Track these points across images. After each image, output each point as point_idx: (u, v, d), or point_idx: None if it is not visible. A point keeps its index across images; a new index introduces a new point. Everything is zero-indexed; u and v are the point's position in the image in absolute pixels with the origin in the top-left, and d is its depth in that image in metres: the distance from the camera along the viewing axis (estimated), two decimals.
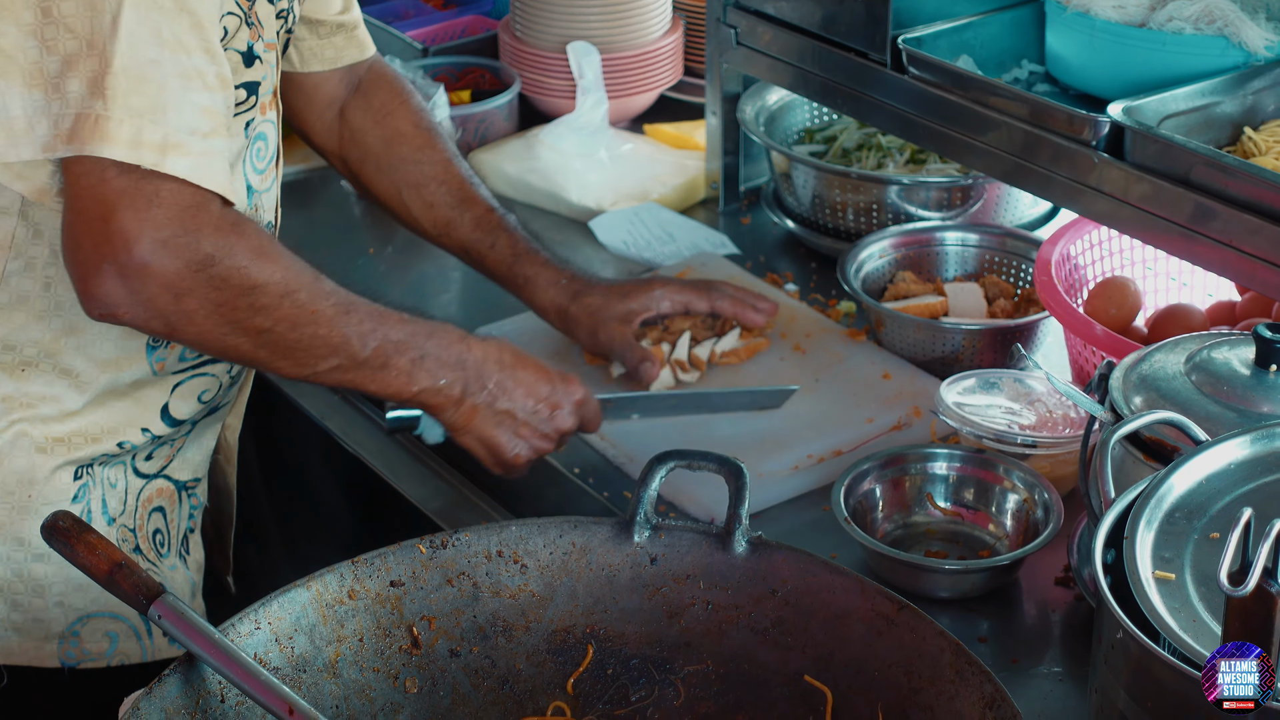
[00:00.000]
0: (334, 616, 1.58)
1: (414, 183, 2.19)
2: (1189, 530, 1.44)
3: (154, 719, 1.45)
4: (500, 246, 2.20)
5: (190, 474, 2.00)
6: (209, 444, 2.03)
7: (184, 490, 1.99)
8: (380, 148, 2.19)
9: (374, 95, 2.20)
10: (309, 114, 2.20)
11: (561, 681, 1.63)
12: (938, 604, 1.83)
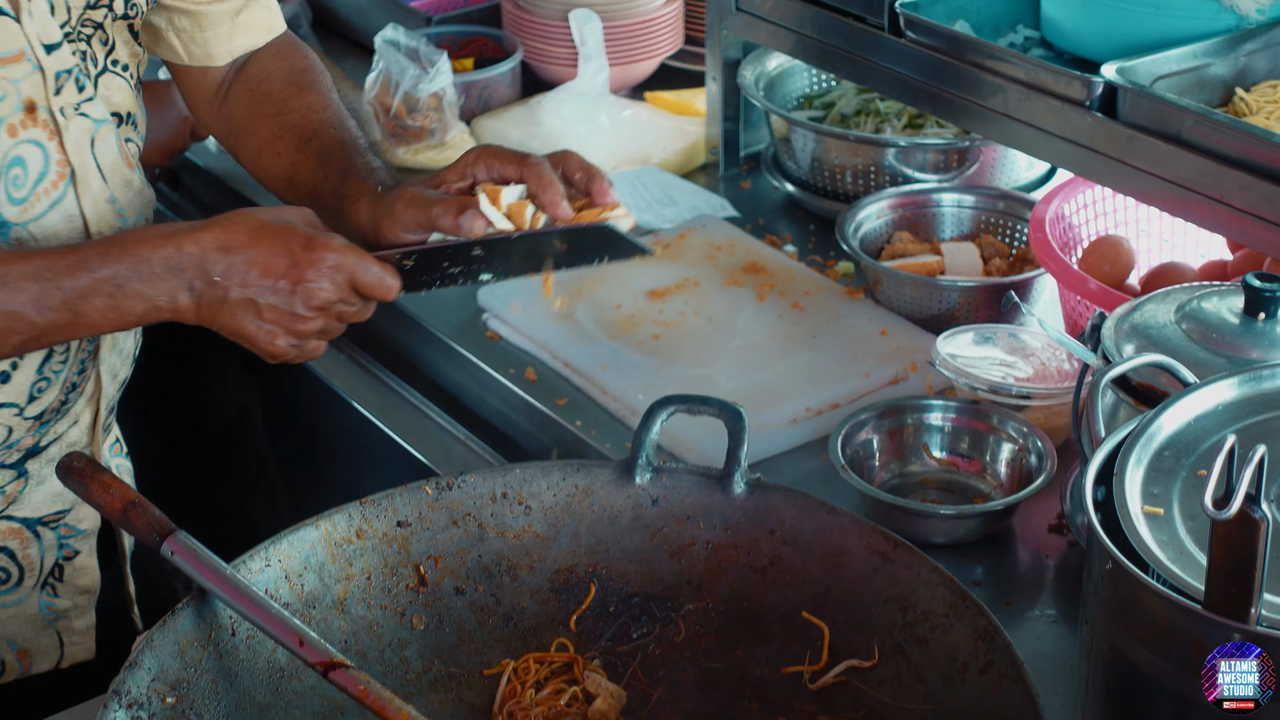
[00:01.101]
0: (342, 555, 1.62)
1: (270, 136, 1.88)
2: (1177, 468, 1.48)
3: (168, 650, 1.49)
4: (333, 173, 1.81)
5: (46, 510, 1.88)
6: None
7: (40, 526, 1.88)
8: (246, 114, 1.92)
9: (253, 65, 1.96)
10: (200, 105, 2.00)
11: (565, 619, 1.66)
12: (933, 549, 1.85)
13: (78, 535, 1.91)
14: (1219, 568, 1.29)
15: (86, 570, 1.93)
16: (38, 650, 1.90)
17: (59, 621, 1.92)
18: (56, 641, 1.93)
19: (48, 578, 1.88)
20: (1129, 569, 1.37)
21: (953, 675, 1.49)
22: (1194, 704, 1.35)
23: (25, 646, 1.88)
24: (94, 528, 1.92)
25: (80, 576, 1.92)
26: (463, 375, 2.35)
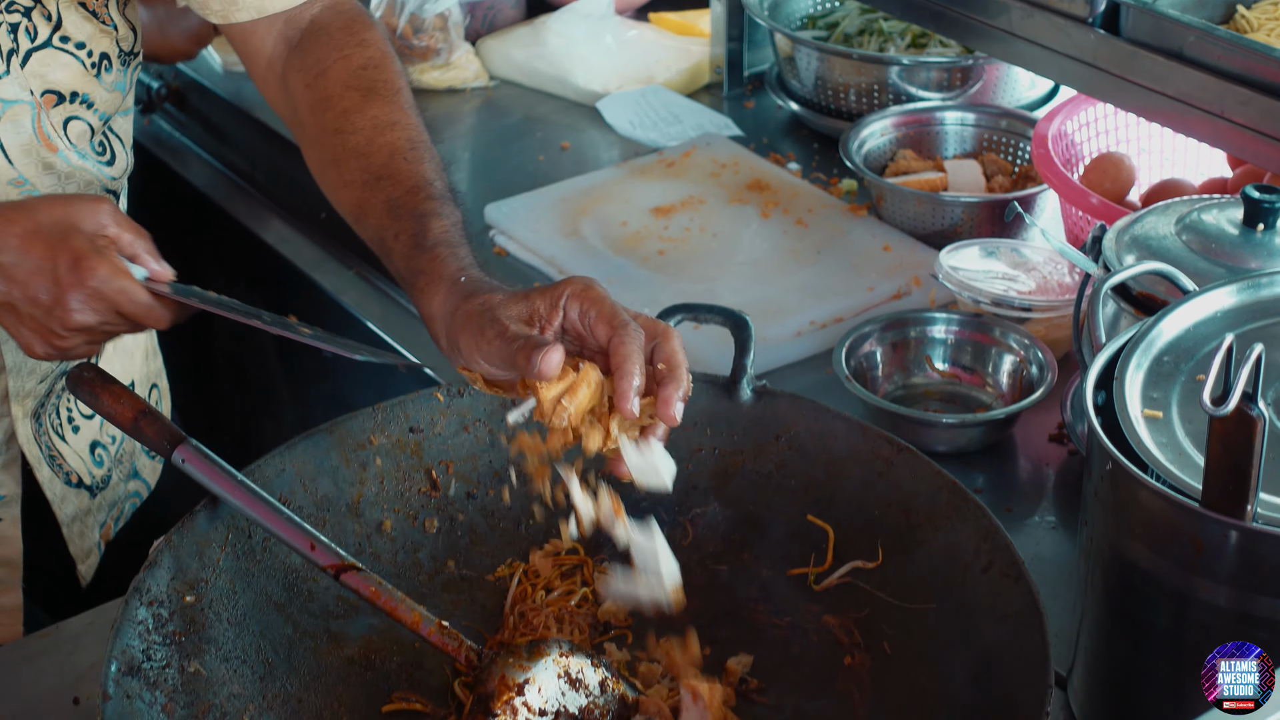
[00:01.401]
0: (356, 460, 1.65)
1: (335, 157, 1.66)
2: (1176, 373, 1.51)
3: (187, 551, 1.52)
4: (405, 234, 1.56)
5: None
6: None
7: None
8: (308, 117, 1.72)
9: (309, 50, 1.74)
10: (255, 78, 1.82)
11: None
12: (936, 458, 1.88)
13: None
14: (1216, 465, 1.32)
15: (8, 540, 1.87)
16: None
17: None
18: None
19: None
20: (1129, 469, 1.40)
21: (954, 575, 1.51)
22: (1192, 600, 1.39)
23: None
24: (14, 495, 1.85)
25: (1, 546, 1.87)
26: None
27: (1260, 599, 1.36)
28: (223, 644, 1.49)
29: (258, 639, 1.52)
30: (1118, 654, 1.50)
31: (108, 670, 1.39)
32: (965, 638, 1.48)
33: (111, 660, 1.40)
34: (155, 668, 1.43)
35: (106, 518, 1.98)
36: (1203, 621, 1.40)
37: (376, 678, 1.58)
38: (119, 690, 1.38)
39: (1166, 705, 1.47)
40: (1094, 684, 1.55)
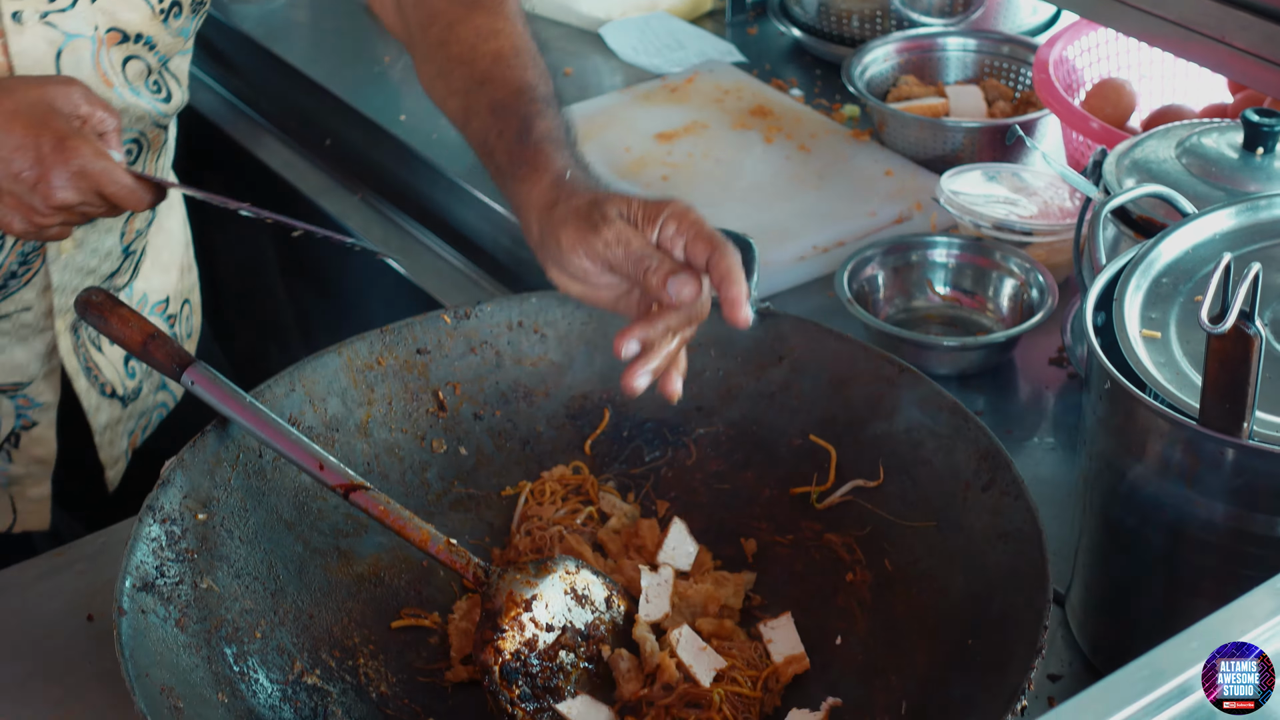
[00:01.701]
0: (364, 381, 1.66)
1: (441, 69, 1.67)
2: (1175, 294, 1.52)
3: (199, 469, 1.54)
4: (509, 131, 1.55)
5: (4, 379, 1.90)
6: (19, 356, 1.90)
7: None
8: (418, 34, 1.73)
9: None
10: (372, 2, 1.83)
11: (579, 443, 1.72)
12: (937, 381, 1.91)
13: (36, 407, 1.93)
14: (1213, 384, 1.34)
15: (43, 441, 1.95)
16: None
17: (11, 486, 1.95)
18: (9, 506, 1.96)
19: (3, 443, 1.92)
20: (1127, 389, 1.42)
21: (955, 493, 1.54)
22: (1188, 518, 1.41)
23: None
24: (53, 402, 1.93)
25: (36, 446, 1.94)
26: (474, 215, 2.39)
27: (1256, 516, 1.38)
28: (234, 561, 1.52)
29: (269, 556, 1.55)
30: (1115, 571, 1.53)
31: (122, 585, 1.41)
32: (965, 555, 1.50)
33: (126, 576, 1.42)
34: (169, 584, 1.45)
35: (135, 427, 2.04)
36: (1199, 539, 1.42)
37: (386, 594, 1.61)
38: (134, 605, 1.41)
39: (1163, 621, 1.49)
40: (1091, 601, 1.58)
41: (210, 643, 1.44)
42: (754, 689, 1.51)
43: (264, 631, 1.50)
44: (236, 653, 1.46)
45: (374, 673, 1.54)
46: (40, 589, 1.70)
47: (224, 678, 1.43)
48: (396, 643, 1.58)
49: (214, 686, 1.41)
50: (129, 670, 1.34)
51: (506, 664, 1.47)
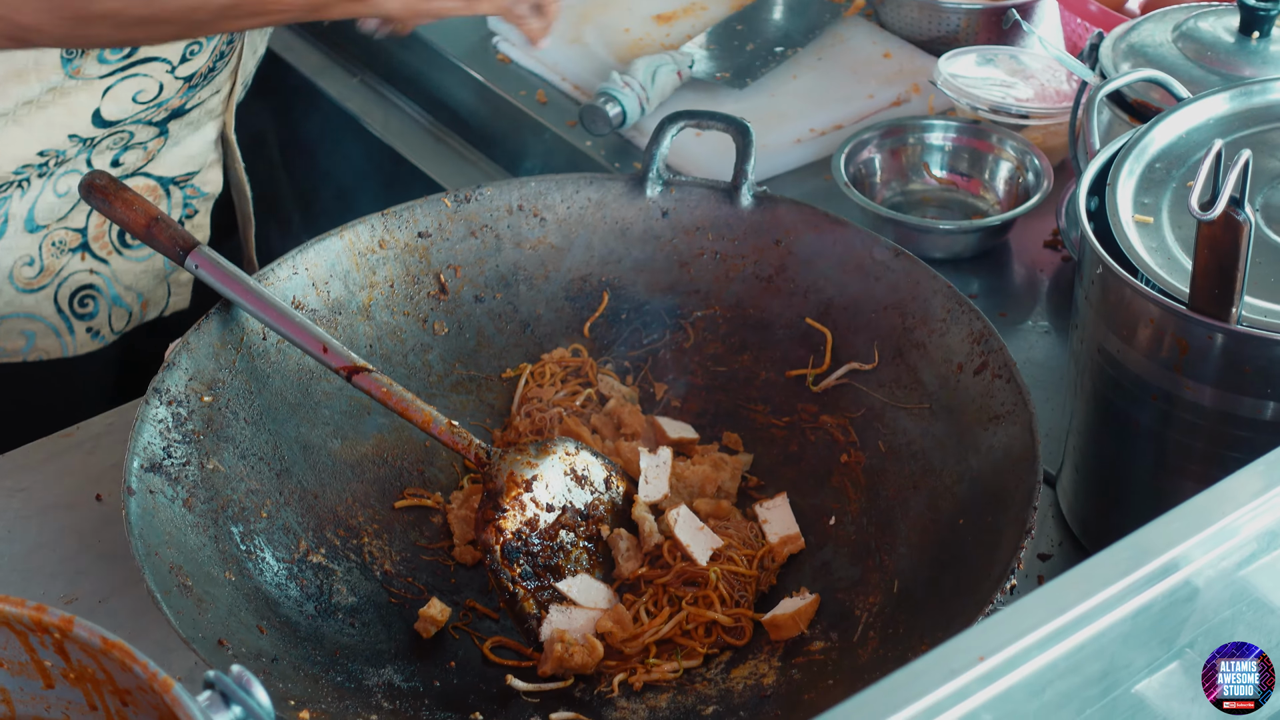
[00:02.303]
0: (366, 264, 1.68)
1: None
2: (1168, 179, 1.54)
3: (204, 353, 1.56)
4: None
5: (180, 170, 2.03)
6: (195, 145, 2.03)
7: (172, 185, 2.03)
8: None
9: None
10: None
11: (579, 325, 1.74)
12: (932, 264, 1.93)
13: (201, 196, 2.06)
14: (1203, 269, 1.36)
15: (200, 228, 2.09)
16: (153, 300, 2.09)
17: (170, 275, 2.08)
18: (166, 292, 2.10)
19: None
20: (1119, 273, 1.44)
21: (949, 376, 1.56)
22: (1177, 400, 1.44)
23: (147, 298, 2.06)
24: (215, 192, 2.08)
25: (196, 233, 2.07)
26: (474, 98, 2.39)
27: (1243, 399, 1.41)
28: (240, 442, 1.54)
29: (273, 437, 1.57)
30: (1104, 453, 1.55)
31: (130, 465, 1.44)
32: (958, 436, 1.52)
33: (133, 456, 1.45)
34: (176, 464, 1.48)
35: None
36: (1187, 421, 1.44)
37: (389, 474, 1.64)
38: (142, 485, 1.43)
39: (1150, 502, 1.52)
40: (1081, 482, 1.61)
41: (217, 522, 1.47)
42: (750, 568, 1.55)
43: (270, 511, 1.53)
44: (243, 532, 1.49)
45: (378, 551, 1.58)
46: (48, 469, 1.73)
47: (231, 556, 1.46)
48: (400, 522, 1.61)
49: (221, 565, 1.44)
50: (138, 549, 1.37)
51: (508, 543, 1.50)
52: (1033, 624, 0.93)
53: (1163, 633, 1.02)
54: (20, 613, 1.07)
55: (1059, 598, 0.94)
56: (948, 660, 0.91)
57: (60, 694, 1.14)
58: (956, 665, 0.90)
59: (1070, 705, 0.99)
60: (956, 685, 0.90)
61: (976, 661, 0.91)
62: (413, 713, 1.41)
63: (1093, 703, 1.01)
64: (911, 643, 1.37)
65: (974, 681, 0.91)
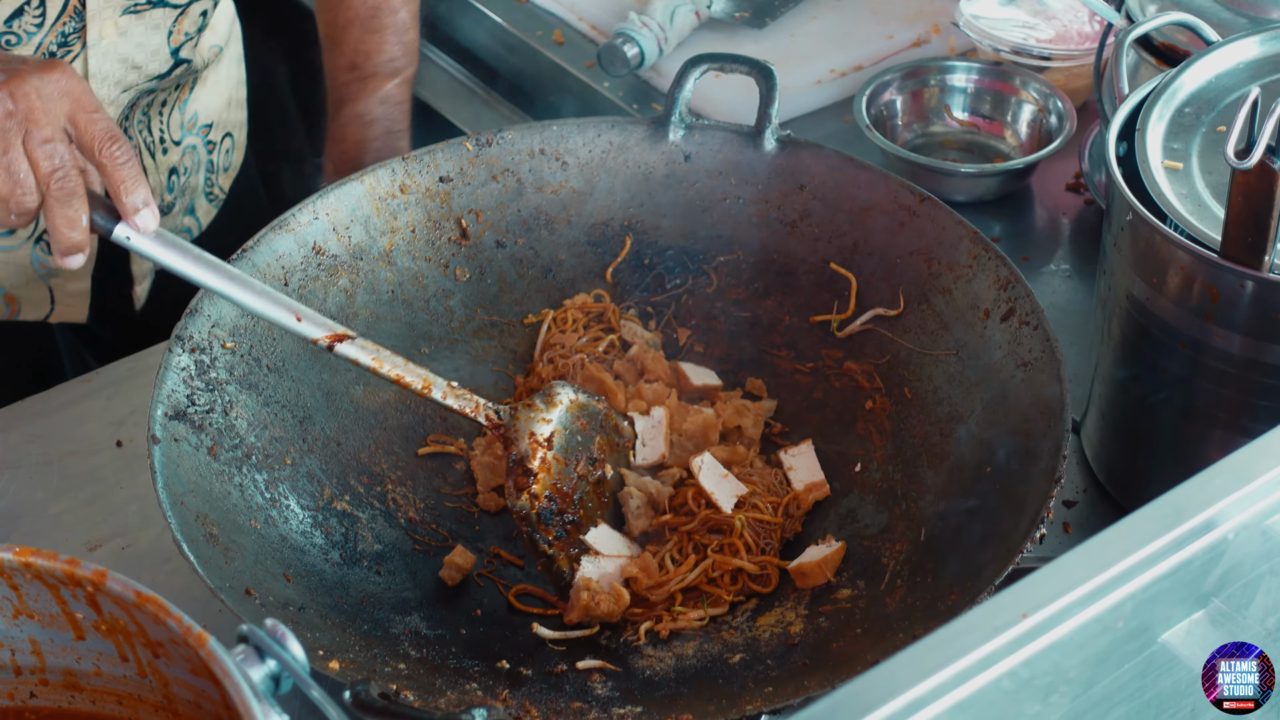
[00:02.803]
0: (387, 209, 1.67)
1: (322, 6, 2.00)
2: (1198, 124, 1.53)
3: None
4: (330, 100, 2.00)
5: None
6: None
7: None
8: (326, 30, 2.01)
9: None
10: None
11: (601, 271, 1.73)
12: (954, 208, 1.92)
13: None
14: (1236, 217, 1.35)
15: None
16: (27, 299, 1.95)
17: (51, 278, 1.95)
18: (47, 296, 1.96)
19: (42, 234, 1.91)
20: (1149, 220, 1.43)
21: (975, 322, 1.55)
22: (1206, 348, 1.43)
23: (13, 293, 1.94)
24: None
25: None
26: (491, 39, 2.37)
27: (1272, 347, 1.40)
28: (263, 389, 1.54)
29: (296, 384, 1.57)
30: (1131, 400, 1.55)
31: (154, 414, 1.43)
32: (984, 384, 1.52)
33: (158, 404, 1.44)
34: (199, 412, 1.47)
35: None
36: (1215, 369, 1.44)
37: (412, 421, 1.63)
38: (166, 433, 1.43)
39: (1177, 449, 1.52)
40: (1107, 429, 1.60)
41: (242, 470, 1.47)
42: (775, 515, 1.54)
43: (293, 459, 1.52)
44: (267, 480, 1.49)
45: (402, 499, 1.57)
46: (68, 414, 1.72)
47: (256, 505, 1.46)
48: (424, 469, 1.61)
49: (247, 513, 1.44)
50: (164, 498, 1.36)
51: (543, 509, 1.49)
52: (1074, 581, 0.92)
53: (1200, 588, 1.02)
54: (53, 566, 1.07)
55: (1100, 555, 0.94)
56: (991, 617, 0.90)
57: (91, 645, 1.13)
58: (1000, 622, 0.90)
59: (1109, 660, 0.99)
60: (1000, 642, 0.90)
61: (1020, 619, 0.90)
62: (439, 660, 1.41)
63: (1130, 657, 1.01)
64: (940, 591, 1.37)
65: (1017, 639, 0.90)
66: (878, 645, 1.34)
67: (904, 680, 0.87)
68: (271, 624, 1.03)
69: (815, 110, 2.14)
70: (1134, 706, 1.04)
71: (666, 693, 1.39)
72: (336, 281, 1.62)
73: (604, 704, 1.37)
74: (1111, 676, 1.00)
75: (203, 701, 1.12)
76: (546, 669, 1.42)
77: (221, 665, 1.00)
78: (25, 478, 1.65)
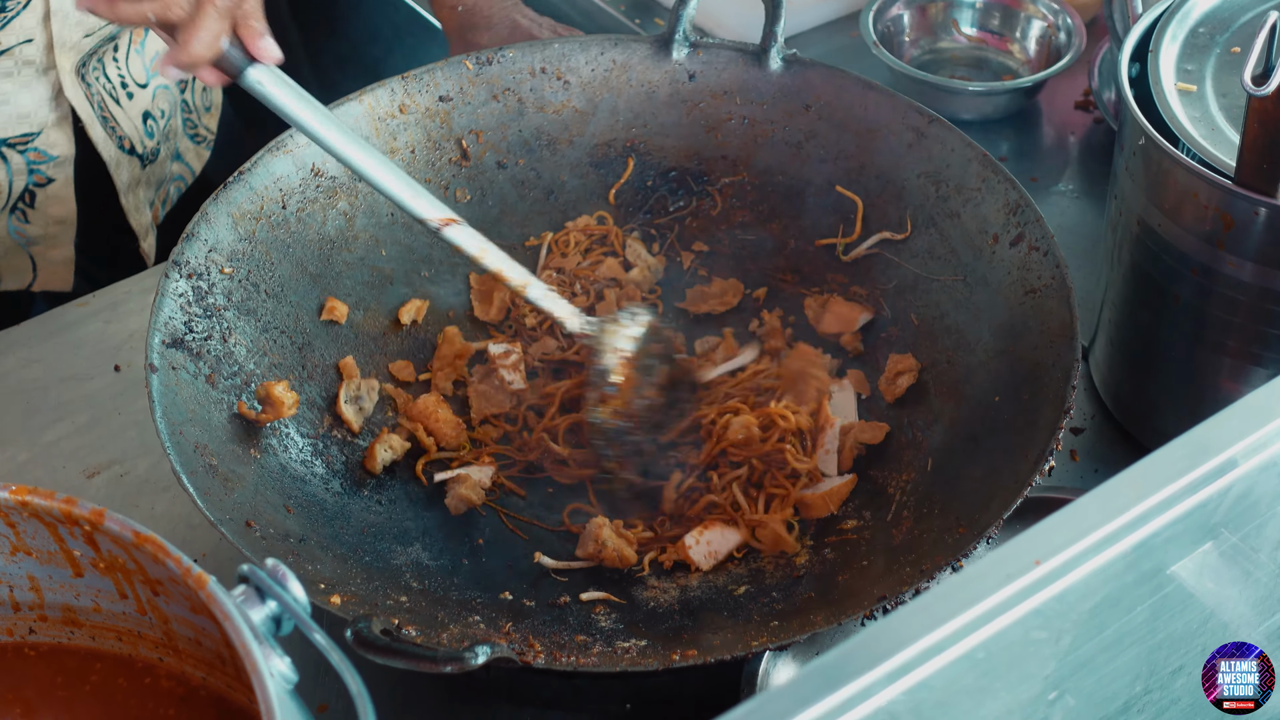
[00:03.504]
0: (386, 130, 1.64)
1: None
2: (1211, 45, 1.50)
3: (222, 223, 1.52)
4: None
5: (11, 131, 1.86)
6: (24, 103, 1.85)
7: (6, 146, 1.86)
8: None
9: None
10: None
11: (603, 192, 1.70)
12: (961, 126, 1.89)
13: (50, 161, 1.88)
14: (1252, 144, 1.32)
15: (62, 200, 1.91)
16: (7, 268, 1.92)
17: (31, 246, 1.92)
18: (29, 264, 1.93)
19: (17, 202, 1.88)
20: (1161, 144, 1.40)
21: (983, 247, 1.53)
22: (1217, 275, 1.41)
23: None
24: (68, 155, 1.88)
25: (54, 205, 1.90)
26: None
27: None
28: (262, 315, 1.51)
29: (295, 309, 1.54)
30: (1140, 326, 1.53)
31: (151, 341, 1.41)
32: (991, 310, 1.50)
33: (155, 332, 1.42)
34: (197, 339, 1.45)
35: (155, 197, 2.01)
36: (1226, 296, 1.42)
37: (415, 345, 1.61)
38: (164, 361, 1.41)
39: (1185, 376, 1.50)
40: (1115, 355, 1.58)
41: (241, 398, 1.45)
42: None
43: (293, 386, 1.50)
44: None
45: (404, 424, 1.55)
46: (64, 339, 1.70)
47: (256, 433, 1.44)
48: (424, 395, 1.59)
49: (246, 443, 1.42)
50: (162, 429, 1.34)
51: (618, 425, 1.48)
52: (1090, 526, 0.91)
53: (1214, 529, 1.00)
54: (50, 505, 1.05)
55: (1115, 499, 0.92)
56: (1003, 564, 0.88)
57: (89, 582, 1.12)
58: (1012, 570, 0.88)
59: (1122, 603, 0.97)
60: (1013, 589, 0.88)
61: (1032, 565, 0.89)
62: (442, 592, 1.39)
63: (1143, 600, 0.99)
64: (948, 523, 1.35)
65: (1030, 585, 0.89)
66: (884, 578, 1.33)
67: (916, 629, 0.86)
68: (272, 564, 1.01)
69: (819, 25, 2.11)
70: (1145, 648, 1.03)
71: (671, 625, 1.38)
72: (335, 204, 1.60)
73: (608, 637, 1.36)
74: (1124, 619, 0.99)
75: (203, 639, 1.11)
76: (549, 600, 1.41)
77: (222, 608, 0.99)
78: (23, 404, 1.63)
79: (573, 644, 1.33)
